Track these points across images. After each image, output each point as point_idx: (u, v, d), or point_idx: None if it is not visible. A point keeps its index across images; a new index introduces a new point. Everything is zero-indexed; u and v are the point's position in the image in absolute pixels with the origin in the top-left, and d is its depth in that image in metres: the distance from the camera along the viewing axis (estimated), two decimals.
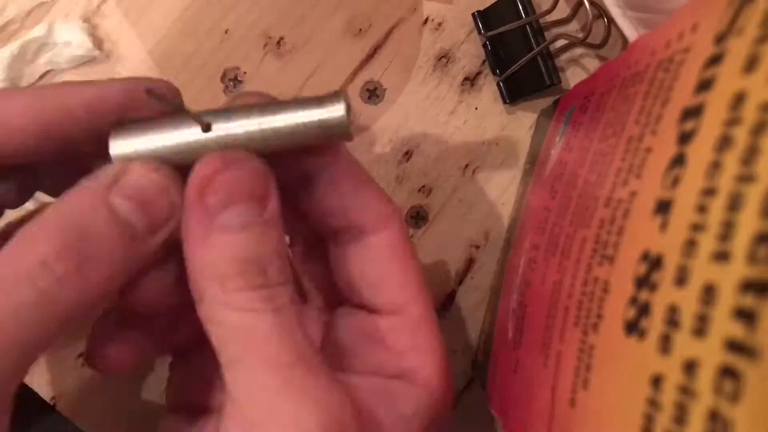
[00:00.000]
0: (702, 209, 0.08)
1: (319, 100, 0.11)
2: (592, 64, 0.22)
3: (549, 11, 0.21)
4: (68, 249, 0.10)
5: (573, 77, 0.22)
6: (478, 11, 0.22)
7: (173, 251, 0.11)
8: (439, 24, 0.23)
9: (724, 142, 0.08)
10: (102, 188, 0.10)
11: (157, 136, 0.11)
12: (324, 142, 0.12)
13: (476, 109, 0.23)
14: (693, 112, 0.09)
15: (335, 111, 0.11)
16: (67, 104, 0.11)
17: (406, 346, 0.13)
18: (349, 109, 0.11)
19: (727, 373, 0.07)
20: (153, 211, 0.11)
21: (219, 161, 0.11)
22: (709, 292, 0.07)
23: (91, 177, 0.11)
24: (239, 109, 0.11)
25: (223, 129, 0.11)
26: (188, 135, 0.11)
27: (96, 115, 0.11)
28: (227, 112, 0.11)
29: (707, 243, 0.07)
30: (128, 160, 0.11)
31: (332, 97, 0.11)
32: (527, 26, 0.20)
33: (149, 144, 0.11)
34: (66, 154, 0.12)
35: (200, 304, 0.11)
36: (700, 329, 0.07)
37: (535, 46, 0.20)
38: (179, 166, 0.11)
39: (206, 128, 0.11)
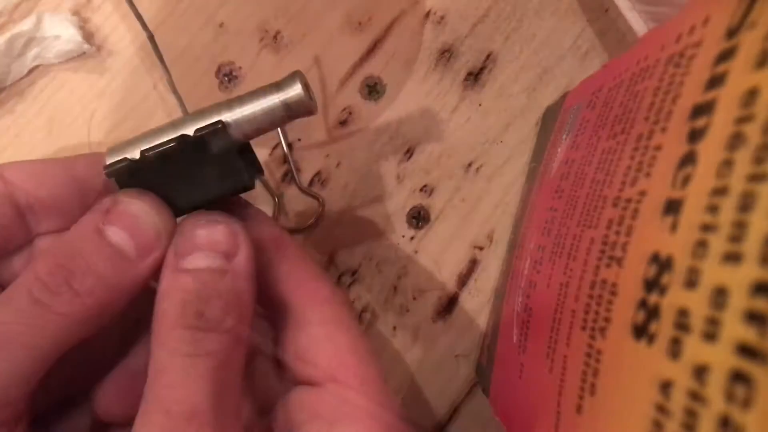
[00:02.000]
0: (713, 209, 0.07)
1: (277, 85, 0.13)
2: None
3: None
4: (59, 267, 0.11)
5: None
6: None
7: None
8: (442, 18, 0.22)
9: (736, 140, 0.07)
10: (95, 218, 0.12)
11: (143, 143, 0.13)
12: (293, 119, 0.13)
13: (480, 105, 0.22)
14: (704, 109, 0.08)
15: (293, 91, 0.13)
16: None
17: (334, 417, 0.13)
18: (306, 86, 0.13)
19: (739, 378, 0.06)
20: (140, 235, 0.12)
21: (196, 217, 0.12)
22: (719, 295, 0.07)
23: (88, 211, 0.12)
24: (211, 108, 0.13)
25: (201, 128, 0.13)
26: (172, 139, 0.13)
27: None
28: (201, 112, 0.13)
29: (718, 244, 0.07)
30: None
31: (288, 79, 0.13)
32: None
33: (136, 150, 0.13)
34: None
35: None
36: (711, 333, 0.07)
37: None
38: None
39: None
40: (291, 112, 0.13)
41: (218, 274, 0.12)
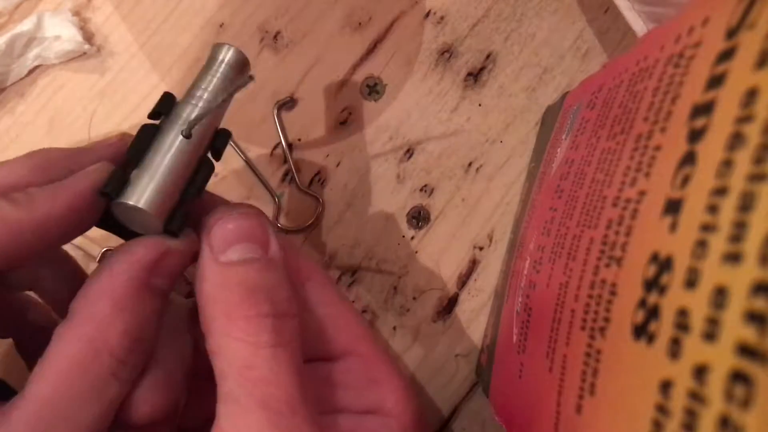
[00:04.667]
0: (713, 209, 0.07)
1: (212, 57, 0.14)
2: None
3: None
4: (134, 343, 0.11)
5: None
6: None
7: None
8: (442, 18, 0.22)
9: (736, 140, 0.07)
10: (140, 276, 0.11)
11: (157, 171, 0.12)
12: (239, 85, 0.13)
13: (480, 105, 0.22)
14: (704, 109, 0.08)
15: (228, 51, 0.14)
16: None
17: (363, 383, 0.13)
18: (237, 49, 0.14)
19: (739, 378, 0.06)
20: (174, 276, 0.12)
21: (223, 213, 0.12)
22: (720, 295, 0.07)
23: (123, 263, 0.12)
24: (185, 108, 0.13)
25: (197, 126, 0.13)
26: (175, 148, 0.12)
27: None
28: (177, 117, 0.13)
29: (718, 244, 0.07)
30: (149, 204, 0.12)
31: (216, 48, 0.14)
32: None
33: (156, 181, 0.12)
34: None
35: (208, 340, 0.11)
36: (711, 333, 0.07)
37: None
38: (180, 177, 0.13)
39: (187, 134, 0.12)
40: (234, 73, 0.14)
41: (265, 263, 0.12)
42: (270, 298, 0.11)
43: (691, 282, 0.07)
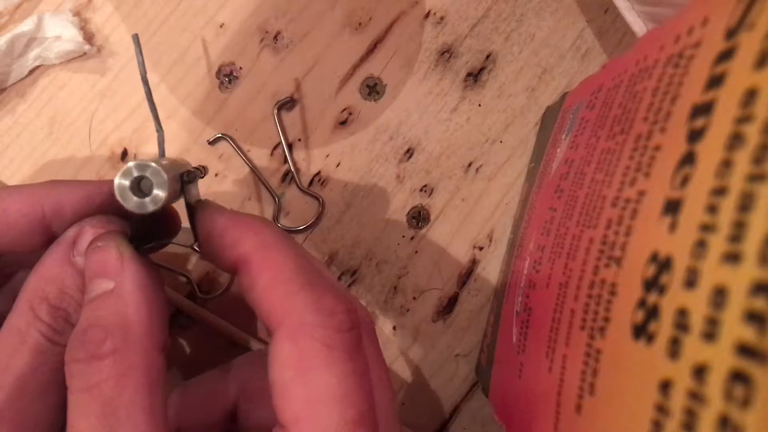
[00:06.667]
0: (712, 209, 0.07)
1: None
2: None
3: None
4: (56, 309, 0.13)
5: None
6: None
7: None
8: (442, 18, 0.22)
9: (735, 140, 0.07)
10: (67, 251, 0.13)
11: None
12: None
13: (479, 105, 0.22)
14: (703, 109, 0.08)
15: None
16: (60, 202, 0.14)
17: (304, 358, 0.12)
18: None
19: (738, 378, 0.06)
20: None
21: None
22: (719, 295, 0.07)
23: (56, 243, 0.13)
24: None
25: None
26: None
27: (81, 214, 0.14)
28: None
29: (718, 244, 0.07)
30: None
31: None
32: None
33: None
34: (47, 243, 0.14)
35: None
36: (710, 333, 0.07)
37: None
38: None
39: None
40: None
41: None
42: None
43: (691, 282, 0.07)
